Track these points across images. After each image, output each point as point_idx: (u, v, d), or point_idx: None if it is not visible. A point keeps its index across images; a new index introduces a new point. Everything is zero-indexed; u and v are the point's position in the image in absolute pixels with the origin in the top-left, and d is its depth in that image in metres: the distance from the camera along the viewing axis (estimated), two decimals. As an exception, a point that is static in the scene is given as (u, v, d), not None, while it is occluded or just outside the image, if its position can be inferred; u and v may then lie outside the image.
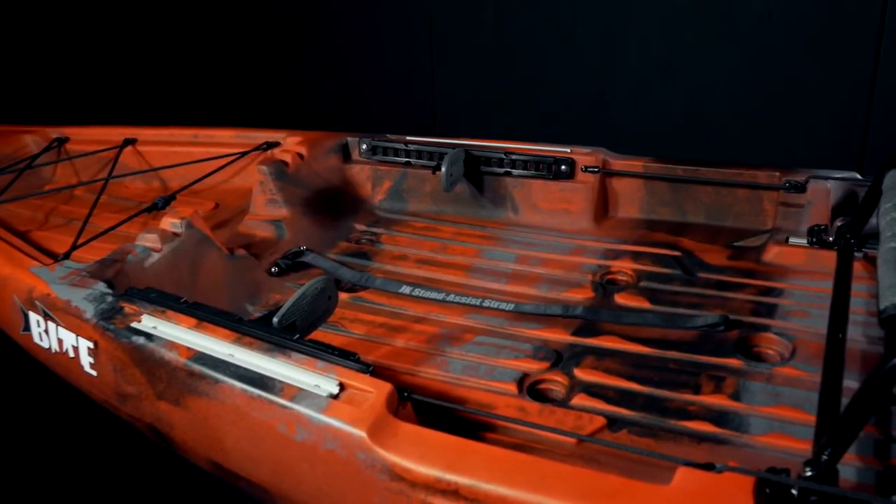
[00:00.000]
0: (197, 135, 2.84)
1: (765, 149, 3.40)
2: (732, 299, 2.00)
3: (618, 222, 2.45)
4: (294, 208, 2.47)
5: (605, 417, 1.62)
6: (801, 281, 2.04)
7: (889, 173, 1.78)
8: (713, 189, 2.35)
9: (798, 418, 1.56)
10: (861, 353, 1.72)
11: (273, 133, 2.77)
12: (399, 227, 2.55)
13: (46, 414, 2.83)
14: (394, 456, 1.35)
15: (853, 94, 3.27)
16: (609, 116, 3.70)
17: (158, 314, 1.72)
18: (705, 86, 3.49)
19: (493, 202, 2.56)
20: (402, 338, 1.95)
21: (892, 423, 1.53)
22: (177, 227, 2.08)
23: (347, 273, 2.25)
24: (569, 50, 3.71)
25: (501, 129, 3.85)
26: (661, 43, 3.51)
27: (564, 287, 2.13)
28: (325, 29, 4.28)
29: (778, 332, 1.84)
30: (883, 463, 1.44)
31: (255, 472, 1.59)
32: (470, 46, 3.95)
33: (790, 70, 3.33)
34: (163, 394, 1.65)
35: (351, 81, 4.33)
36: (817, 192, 2.18)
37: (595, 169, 2.42)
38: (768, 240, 2.20)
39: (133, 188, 2.84)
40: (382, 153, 2.67)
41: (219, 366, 1.57)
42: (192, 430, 1.65)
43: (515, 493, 1.24)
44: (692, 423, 1.59)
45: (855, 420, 1.24)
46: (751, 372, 1.73)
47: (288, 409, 1.46)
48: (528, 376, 1.78)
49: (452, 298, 2.09)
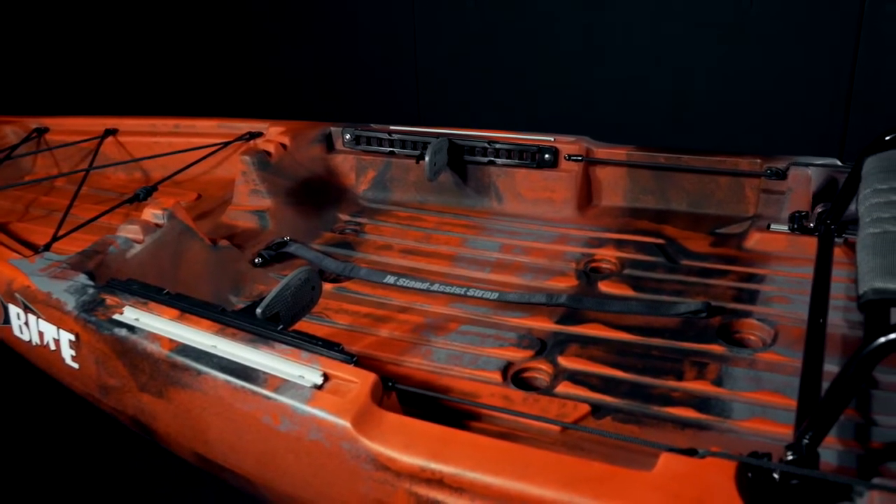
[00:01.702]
0: (179, 125, 2.82)
1: (747, 136, 3.41)
2: (715, 286, 2.01)
3: (601, 210, 2.46)
4: (277, 199, 2.46)
5: (589, 405, 1.63)
6: (782, 267, 2.06)
7: (868, 160, 1.80)
8: (696, 177, 2.36)
9: (780, 403, 1.58)
10: (842, 338, 1.74)
11: (256, 123, 2.75)
12: (383, 217, 2.55)
13: (27, 408, 2.81)
14: (378, 445, 1.35)
15: (834, 82, 3.28)
16: (592, 105, 3.70)
17: (140, 306, 1.71)
18: (687, 74, 3.50)
19: (477, 191, 2.55)
20: (386, 328, 1.95)
21: (873, 406, 1.54)
22: (159, 218, 2.06)
23: (331, 263, 2.25)
24: (552, 39, 3.71)
25: (485, 118, 3.84)
26: (643, 32, 3.51)
27: (548, 275, 2.14)
28: (307, 18, 4.25)
29: (760, 318, 1.86)
30: (863, 446, 1.45)
31: (239, 463, 1.59)
32: (453, 35, 3.93)
33: (771, 58, 3.34)
34: (145, 386, 1.65)
35: (334, 71, 4.31)
36: (798, 178, 2.19)
37: (578, 157, 2.43)
38: (750, 227, 2.22)
39: (114, 179, 2.82)
40: (366, 143, 2.66)
41: (202, 357, 1.56)
42: (176, 422, 1.65)
43: (500, 480, 1.25)
44: (675, 410, 1.60)
45: (835, 404, 1.25)
46: (733, 358, 1.74)
47: (272, 399, 1.46)
48: (512, 365, 1.78)
49: (437, 288, 2.09)
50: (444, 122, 2.70)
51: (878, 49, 3.17)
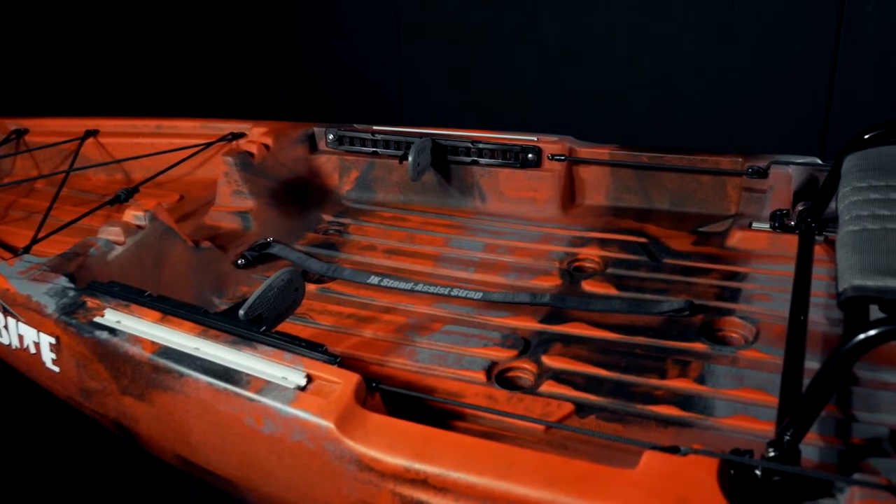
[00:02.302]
0: (160, 126, 2.80)
1: (728, 135, 3.43)
2: (697, 284, 2.02)
3: (584, 210, 2.46)
4: (260, 199, 2.45)
5: (573, 404, 1.63)
6: (763, 265, 2.07)
7: (848, 158, 1.81)
8: (678, 175, 2.38)
9: (762, 400, 1.59)
10: (822, 335, 1.75)
11: (238, 124, 2.74)
12: (367, 218, 2.54)
13: (7, 412, 2.78)
14: (362, 446, 1.35)
15: (814, 81, 3.31)
16: (575, 104, 3.71)
17: (122, 308, 1.69)
18: (670, 73, 3.52)
19: (461, 191, 2.56)
20: (370, 328, 1.95)
21: (853, 402, 1.56)
22: (140, 220, 2.05)
23: (315, 264, 2.24)
24: (535, 39, 3.71)
25: (469, 118, 3.84)
26: (626, 31, 3.52)
27: (532, 275, 2.14)
28: (290, 18, 4.24)
29: (741, 316, 1.87)
30: (844, 442, 1.46)
31: (222, 465, 1.58)
32: (437, 36, 3.93)
33: (753, 57, 3.36)
34: (127, 389, 1.63)
35: (318, 71, 4.29)
36: (779, 177, 2.21)
37: (562, 157, 2.43)
38: (732, 225, 2.23)
39: (95, 181, 2.79)
40: (349, 143, 2.65)
41: (184, 359, 1.55)
42: (158, 425, 1.64)
43: (484, 480, 1.25)
44: (658, 408, 1.61)
45: (816, 401, 1.26)
46: (715, 356, 1.75)
47: (255, 401, 1.45)
48: (496, 364, 1.78)
49: (421, 288, 2.09)
50: (427, 122, 2.70)
51: (858, 49, 3.19)
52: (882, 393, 1.58)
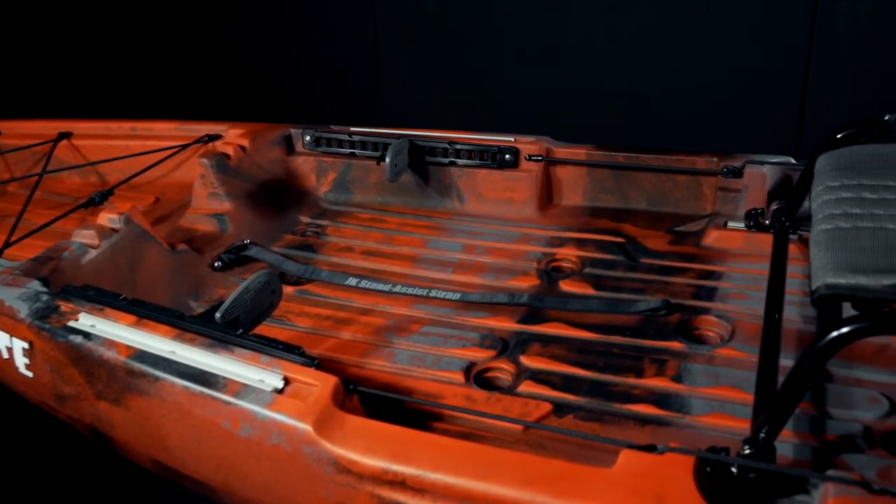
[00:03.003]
0: (135, 128, 2.78)
1: (704, 135, 3.46)
2: (674, 283, 2.04)
3: (562, 210, 2.47)
4: (237, 201, 2.43)
5: (551, 403, 1.64)
6: (739, 264, 2.09)
7: (821, 157, 1.83)
8: (654, 176, 2.39)
9: (738, 398, 1.60)
10: (797, 333, 1.77)
11: (214, 125, 2.72)
12: (344, 219, 2.53)
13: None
14: (340, 449, 1.34)
15: (789, 81, 3.35)
16: (552, 106, 3.72)
17: (96, 312, 1.68)
18: (646, 74, 3.54)
19: (439, 192, 2.56)
20: (348, 330, 1.95)
21: (827, 399, 1.57)
22: (115, 223, 2.03)
23: (292, 266, 2.23)
24: (512, 40, 3.73)
25: (447, 118, 3.84)
26: (602, 32, 3.54)
27: (510, 275, 2.15)
28: (266, 18, 4.22)
29: (717, 315, 1.88)
30: (819, 439, 1.48)
31: (199, 469, 1.57)
32: (414, 37, 3.93)
33: (728, 58, 3.39)
34: (102, 393, 1.62)
35: (295, 73, 4.28)
36: (754, 176, 2.23)
37: (539, 157, 2.44)
38: (708, 224, 2.25)
39: (69, 183, 2.77)
40: (326, 144, 2.64)
41: (160, 363, 1.54)
42: (134, 430, 1.62)
43: (462, 481, 1.25)
44: (636, 407, 1.62)
45: (790, 398, 1.27)
46: (692, 354, 1.77)
47: (232, 405, 1.44)
48: (474, 365, 1.79)
49: (399, 289, 2.09)
50: (405, 123, 2.70)
51: (831, 49, 3.23)
52: (856, 390, 1.60)
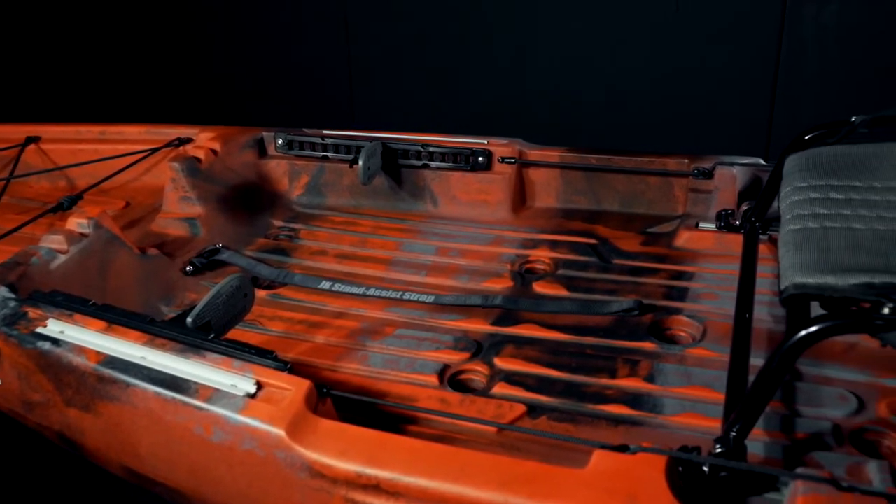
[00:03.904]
0: (104, 131, 2.75)
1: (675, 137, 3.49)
2: (646, 284, 2.05)
3: (535, 212, 2.48)
4: (209, 205, 2.41)
5: (524, 405, 1.64)
6: (710, 264, 2.11)
7: (789, 158, 1.85)
8: (626, 177, 2.40)
9: (709, 397, 1.61)
10: (767, 332, 1.79)
11: (185, 129, 2.69)
12: (318, 222, 2.52)
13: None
14: (313, 453, 1.34)
15: (758, 83, 3.38)
16: (524, 107, 3.73)
17: (65, 318, 1.65)
18: (617, 76, 3.56)
19: (412, 195, 2.55)
20: (322, 334, 1.94)
21: (797, 398, 1.59)
22: (84, 228, 2.01)
23: (265, 270, 2.22)
24: (484, 42, 3.73)
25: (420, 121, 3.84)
26: (573, 34, 3.56)
27: (484, 277, 2.15)
28: (238, 20, 4.19)
29: (689, 315, 1.90)
30: (789, 437, 1.50)
31: (171, 476, 1.55)
32: (387, 40, 3.93)
33: (698, 61, 3.42)
34: (72, 400, 1.60)
35: (267, 75, 4.26)
36: (724, 177, 2.25)
37: (512, 160, 2.45)
38: (679, 225, 2.27)
39: (37, 188, 2.73)
40: (299, 147, 2.63)
41: (130, 369, 1.52)
42: (104, 437, 1.60)
43: (436, 483, 1.25)
44: (609, 407, 1.62)
45: (760, 397, 1.29)
46: (664, 354, 1.78)
47: (204, 410, 1.43)
48: (449, 367, 1.79)
49: (373, 292, 2.08)
50: (378, 125, 2.69)
51: (800, 52, 3.28)
52: (825, 388, 1.62)
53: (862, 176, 1.64)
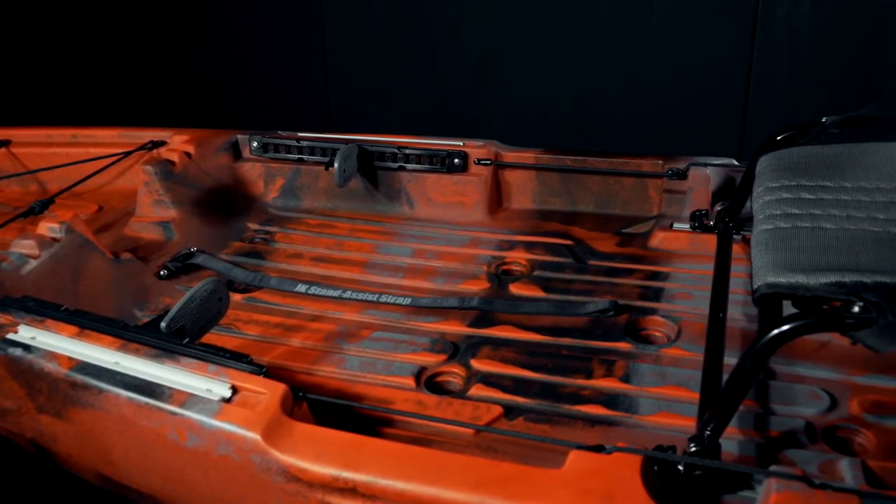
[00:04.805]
0: (76, 135, 2.72)
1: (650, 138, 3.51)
2: (621, 285, 2.06)
3: (511, 213, 2.49)
4: (183, 209, 2.40)
5: (501, 406, 1.64)
6: (685, 265, 2.13)
7: (762, 159, 1.87)
8: (601, 178, 2.42)
9: (684, 397, 1.63)
10: (741, 331, 1.81)
11: (158, 132, 2.67)
12: (293, 225, 2.51)
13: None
14: (289, 457, 1.33)
15: (732, 85, 3.41)
16: (500, 109, 3.74)
17: (36, 324, 1.63)
18: (591, 78, 3.58)
19: (388, 197, 2.55)
20: (298, 337, 1.93)
21: (771, 396, 1.61)
22: (55, 232, 1.98)
23: (241, 273, 2.20)
24: (458, 44, 3.74)
25: (397, 123, 3.84)
26: (548, 36, 3.57)
27: (460, 279, 2.15)
28: (212, 22, 4.17)
29: (664, 315, 1.91)
30: (763, 435, 1.51)
31: (145, 482, 1.54)
32: (362, 41, 3.92)
33: (672, 63, 3.45)
34: (44, 407, 1.58)
35: (242, 78, 4.23)
36: (698, 178, 2.27)
37: (487, 161, 2.45)
38: (654, 226, 2.28)
39: (8, 193, 2.69)
40: (274, 150, 2.62)
41: (103, 375, 1.51)
42: (78, 443, 1.58)
43: (412, 486, 1.25)
44: (585, 407, 1.63)
45: (734, 395, 1.30)
46: (639, 354, 1.79)
47: (178, 415, 1.42)
48: (425, 370, 1.79)
49: (349, 295, 2.08)
50: (355, 128, 2.69)
51: (772, 54, 3.31)
52: (798, 386, 1.63)
53: (832, 176, 1.66)
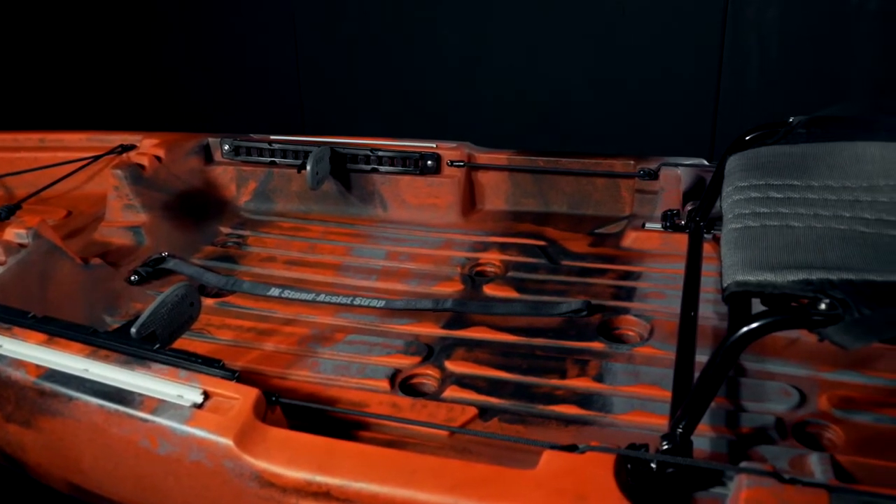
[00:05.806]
0: (44, 139, 2.68)
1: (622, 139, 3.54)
2: (595, 285, 2.07)
3: (485, 215, 2.49)
4: (153, 213, 2.37)
5: (476, 407, 1.64)
6: (656, 264, 2.14)
7: (731, 158, 1.89)
8: (574, 179, 2.43)
9: (657, 395, 1.64)
10: (712, 330, 1.82)
11: (128, 135, 2.64)
12: (266, 229, 2.50)
13: None
14: (262, 462, 1.32)
15: (702, 86, 3.45)
16: (472, 111, 3.75)
17: (3, 331, 1.61)
18: (563, 79, 3.60)
19: (362, 199, 2.54)
20: (271, 341, 1.92)
21: (741, 393, 1.62)
22: (22, 238, 1.96)
23: (213, 278, 2.19)
24: (432, 45, 3.74)
25: (369, 125, 3.83)
26: (521, 38, 3.59)
27: (434, 281, 2.15)
28: (182, 23, 4.13)
29: (637, 314, 1.92)
30: (734, 432, 1.53)
31: (116, 490, 1.52)
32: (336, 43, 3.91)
33: (643, 63, 3.47)
34: (11, 416, 1.55)
35: (213, 80, 4.20)
36: (669, 178, 2.28)
37: (461, 163, 2.45)
38: (626, 226, 2.30)
39: (-26, 198, 2.65)
40: (246, 153, 2.60)
41: (72, 382, 1.49)
42: (47, 452, 1.56)
43: (386, 489, 1.25)
44: (559, 407, 1.64)
45: (705, 393, 1.31)
46: (612, 354, 1.80)
47: (149, 422, 1.41)
48: (400, 372, 1.78)
49: (323, 298, 2.07)
50: (329, 130, 2.68)
51: (741, 54, 3.34)
52: (768, 383, 1.65)
53: (800, 175, 1.68)
